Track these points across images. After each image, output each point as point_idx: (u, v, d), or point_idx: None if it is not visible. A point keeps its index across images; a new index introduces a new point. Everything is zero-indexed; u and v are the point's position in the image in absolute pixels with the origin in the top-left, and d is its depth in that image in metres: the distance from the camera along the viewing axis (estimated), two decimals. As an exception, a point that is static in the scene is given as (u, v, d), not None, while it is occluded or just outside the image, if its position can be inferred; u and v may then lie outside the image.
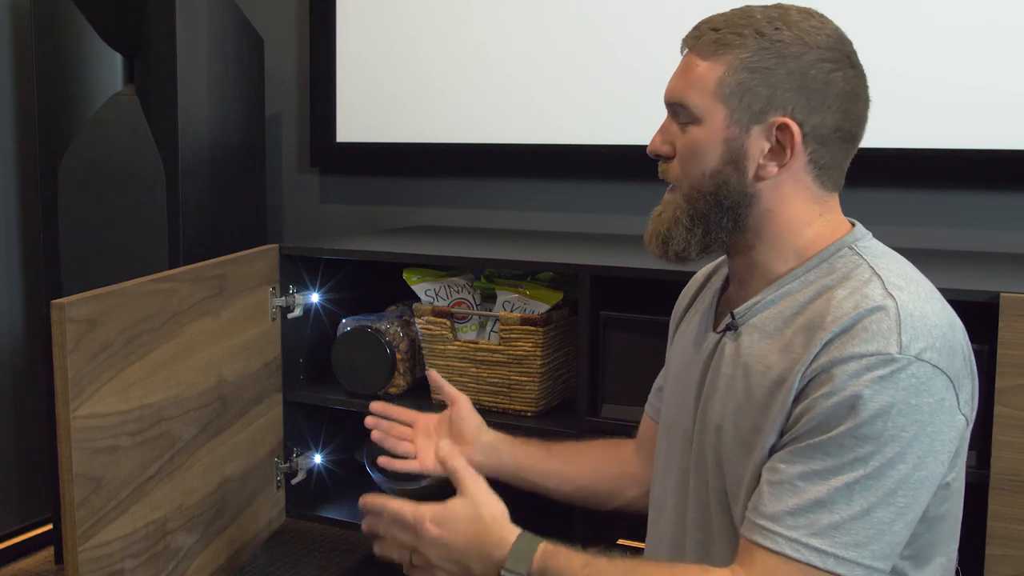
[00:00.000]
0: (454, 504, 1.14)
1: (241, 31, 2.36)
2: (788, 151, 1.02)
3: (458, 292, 1.94)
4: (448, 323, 1.92)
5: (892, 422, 0.93)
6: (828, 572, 0.94)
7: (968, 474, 1.09)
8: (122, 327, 1.49)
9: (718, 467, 1.07)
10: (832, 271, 1.04)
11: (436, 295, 1.96)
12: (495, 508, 1.15)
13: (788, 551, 0.95)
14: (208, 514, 1.74)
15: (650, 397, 1.38)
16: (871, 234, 1.09)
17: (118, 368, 1.48)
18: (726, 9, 1.09)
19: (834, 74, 1.02)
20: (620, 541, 2.16)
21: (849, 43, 1.06)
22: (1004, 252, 1.99)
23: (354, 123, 2.59)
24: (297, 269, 2.00)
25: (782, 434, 1.00)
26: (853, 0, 2.05)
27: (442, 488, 2.10)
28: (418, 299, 1.99)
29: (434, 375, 1.50)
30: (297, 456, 2.04)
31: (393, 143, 2.54)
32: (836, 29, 1.06)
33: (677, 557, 1.15)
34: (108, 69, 2.20)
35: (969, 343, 1.02)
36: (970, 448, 1.35)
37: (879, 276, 1.00)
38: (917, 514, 0.97)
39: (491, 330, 1.90)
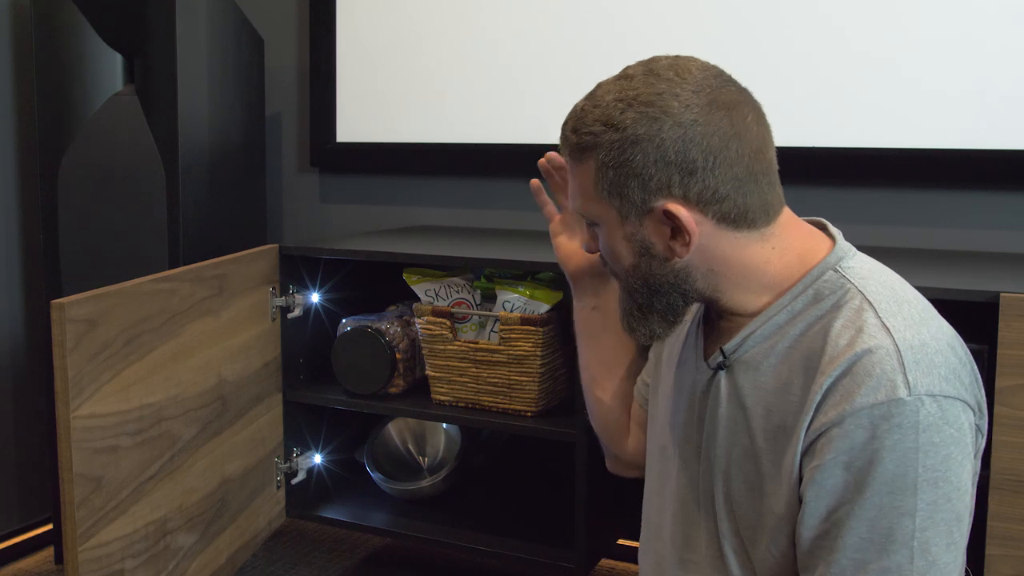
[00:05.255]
0: None
1: (241, 31, 2.36)
2: (685, 232, 0.99)
3: (458, 292, 1.94)
4: (448, 323, 1.92)
5: (922, 466, 0.91)
6: None
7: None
8: (122, 327, 1.49)
9: (729, 511, 1.06)
10: (820, 299, 1.00)
11: (436, 295, 1.96)
12: None
13: None
14: (208, 514, 1.74)
15: (639, 381, 1.33)
16: (853, 247, 1.06)
17: (118, 368, 1.48)
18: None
19: (691, 133, 0.96)
20: (620, 541, 2.16)
21: (714, 81, 0.99)
22: (1004, 252, 1.99)
23: (354, 123, 2.59)
24: (297, 269, 2.00)
25: (799, 496, 0.98)
26: (852, 4, 2.05)
27: (441, 488, 2.11)
28: (418, 299, 1.99)
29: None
30: (297, 456, 2.04)
31: (393, 143, 2.54)
32: (695, 77, 0.99)
33: None
34: (108, 69, 2.20)
35: (966, 347, 1.01)
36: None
37: (870, 303, 0.97)
38: (967, 538, 0.97)
39: (491, 330, 1.90)
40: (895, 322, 0.95)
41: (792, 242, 1.04)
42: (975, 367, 1.00)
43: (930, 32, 2.01)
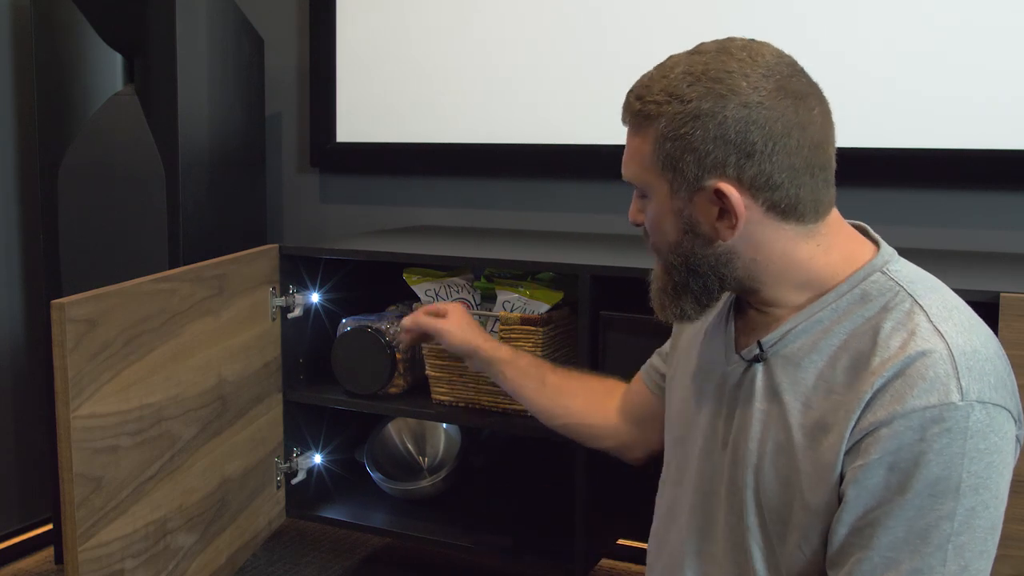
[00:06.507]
0: None
1: (241, 31, 2.36)
2: (732, 214, 0.99)
3: (458, 292, 1.94)
4: (448, 323, 1.91)
5: (966, 471, 0.91)
6: None
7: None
8: (122, 327, 1.49)
9: (758, 506, 1.05)
10: (867, 299, 1.00)
11: (436, 295, 1.96)
12: None
13: None
14: (208, 514, 1.74)
15: (647, 367, 1.35)
16: (896, 252, 1.05)
17: (118, 368, 1.48)
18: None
19: (755, 115, 0.96)
20: (620, 541, 2.16)
21: (786, 69, 0.99)
22: (1004, 252, 1.99)
23: (354, 123, 2.59)
24: (297, 269, 2.00)
25: (839, 494, 0.97)
26: (853, 4, 2.05)
27: (441, 488, 2.11)
28: (418, 299, 1.99)
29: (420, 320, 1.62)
30: (297, 456, 2.04)
31: (393, 143, 2.54)
32: (767, 61, 0.98)
33: None
34: (108, 69, 2.20)
35: (1006, 357, 1.00)
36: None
37: (921, 307, 0.97)
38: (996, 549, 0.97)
39: (491, 330, 1.90)
40: (947, 327, 0.95)
41: (837, 242, 1.04)
42: (1012, 373, 1.00)
43: (930, 32, 2.01)
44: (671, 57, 1.03)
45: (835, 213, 1.05)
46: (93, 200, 2.16)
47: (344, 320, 2.06)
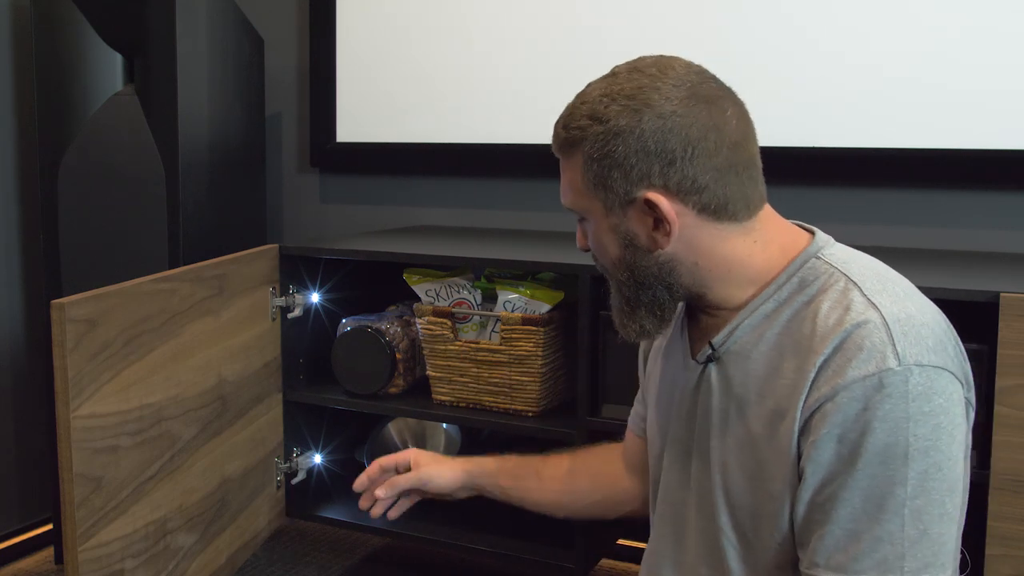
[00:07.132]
0: None
1: (241, 31, 2.36)
2: (666, 221, 1.02)
3: (459, 292, 1.94)
4: (449, 323, 1.91)
5: (912, 434, 0.92)
6: None
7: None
8: (122, 327, 1.49)
9: (728, 504, 1.07)
10: (805, 285, 1.02)
11: (437, 295, 1.96)
12: None
13: None
14: (208, 514, 1.74)
15: (633, 416, 1.37)
16: (832, 238, 1.08)
17: (118, 368, 1.48)
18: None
19: (670, 124, 0.99)
20: (620, 541, 2.16)
21: (695, 77, 1.02)
22: (1004, 252, 1.99)
23: (354, 123, 2.59)
24: (297, 269, 2.00)
25: (798, 473, 0.99)
26: (852, 3, 2.05)
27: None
28: (418, 299, 1.99)
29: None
30: (297, 456, 2.04)
31: (393, 143, 2.54)
32: (677, 73, 1.02)
33: None
34: (108, 69, 2.20)
35: (949, 323, 1.02)
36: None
37: (855, 283, 0.99)
38: (963, 511, 0.98)
39: (492, 330, 1.90)
40: (880, 299, 0.97)
41: (773, 235, 1.06)
42: (959, 341, 1.02)
43: (930, 32, 2.01)
44: (589, 84, 1.08)
45: (768, 208, 1.08)
46: (93, 200, 2.16)
47: (344, 320, 2.06)
